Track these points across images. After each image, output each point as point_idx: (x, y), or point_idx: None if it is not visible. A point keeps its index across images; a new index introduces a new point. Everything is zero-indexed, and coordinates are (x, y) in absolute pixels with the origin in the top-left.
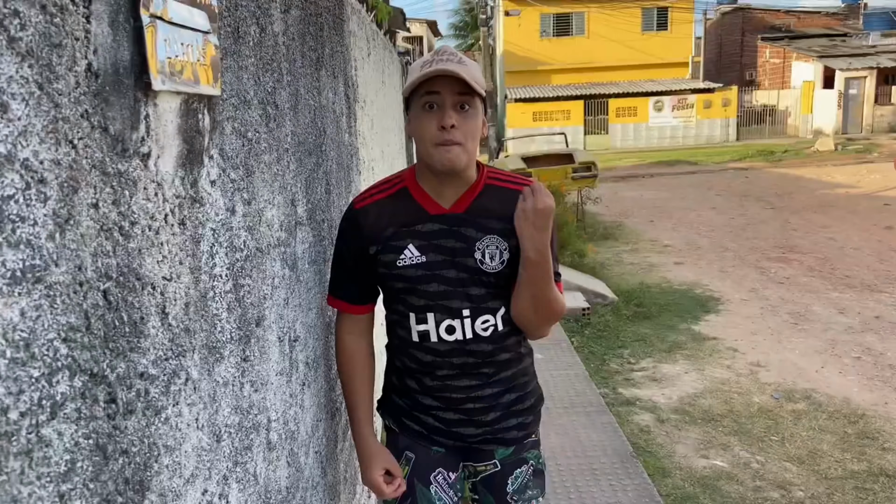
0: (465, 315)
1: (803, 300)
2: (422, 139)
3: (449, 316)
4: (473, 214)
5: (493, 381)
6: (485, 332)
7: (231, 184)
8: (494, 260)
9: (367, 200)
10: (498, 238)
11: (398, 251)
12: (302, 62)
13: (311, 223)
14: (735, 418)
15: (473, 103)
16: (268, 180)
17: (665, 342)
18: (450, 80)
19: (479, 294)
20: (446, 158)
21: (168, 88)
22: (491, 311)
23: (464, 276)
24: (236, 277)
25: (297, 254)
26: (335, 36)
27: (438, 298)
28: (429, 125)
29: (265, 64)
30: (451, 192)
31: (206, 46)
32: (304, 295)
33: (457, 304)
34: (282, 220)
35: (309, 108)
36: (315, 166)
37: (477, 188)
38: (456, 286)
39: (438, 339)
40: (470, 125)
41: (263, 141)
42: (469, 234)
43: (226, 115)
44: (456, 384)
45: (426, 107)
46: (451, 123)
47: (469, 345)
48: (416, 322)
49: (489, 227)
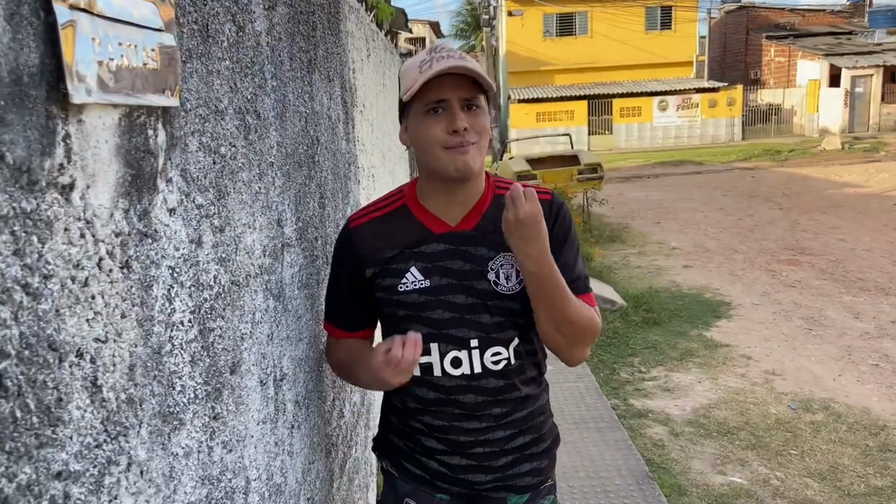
0: (473, 346)
1: (816, 304)
2: (428, 145)
3: (455, 346)
4: (483, 231)
5: (505, 423)
6: (495, 365)
7: (197, 210)
8: (511, 280)
9: (363, 218)
10: (512, 256)
11: (399, 275)
12: (291, 65)
13: (302, 242)
14: (752, 431)
15: (480, 101)
16: (247, 201)
17: (676, 350)
18: (455, 79)
19: (491, 322)
20: (461, 161)
21: (97, 100)
22: (502, 342)
23: (474, 301)
24: (204, 321)
25: (285, 280)
26: (330, 36)
27: (444, 327)
28: (436, 129)
29: (244, 67)
30: (457, 207)
31: (159, 47)
32: (293, 325)
33: (464, 334)
34: (265, 244)
35: (299, 116)
36: (306, 179)
37: (485, 202)
38: (464, 313)
39: (443, 374)
40: (480, 123)
41: (241, 156)
42: (479, 254)
43: (190, 129)
44: (463, 426)
45: (431, 111)
46: (464, 126)
47: (477, 380)
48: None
49: (502, 245)
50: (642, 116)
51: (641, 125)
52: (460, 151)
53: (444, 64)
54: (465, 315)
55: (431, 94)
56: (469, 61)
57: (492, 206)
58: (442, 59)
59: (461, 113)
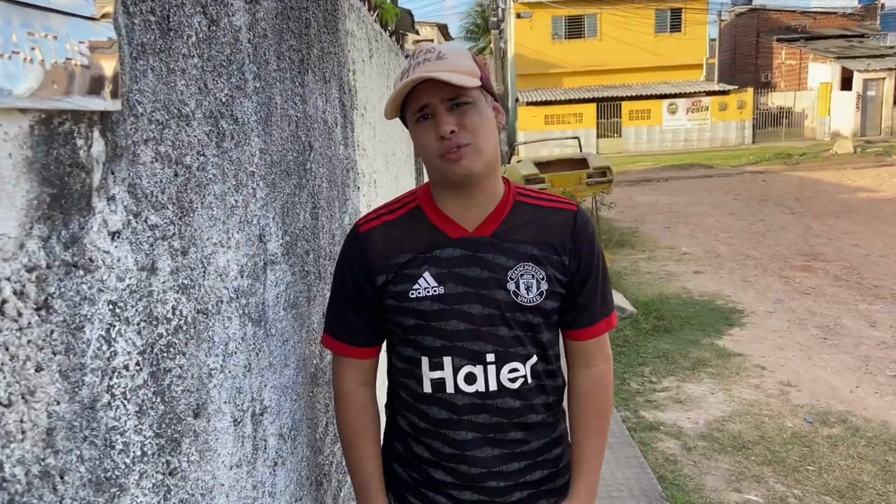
0: (489, 361)
1: (831, 312)
2: (427, 156)
3: (470, 361)
4: (503, 238)
5: (521, 453)
6: (512, 383)
7: (151, 231)
8: (531, 291)
9: (374, 222)
10: (534, 266)
11: (411, 280)
12: (278, 64)
13: (290, 258)
14: (767, 445)
15: (468, 96)
16: (219, 217)
17: (688, 359)
18: (432, 83)
19: (509, 336)
20: (458, 166)
21: None
22: (520, 357)
23: (492, 312)
24: (157, 361)
25: (268, 301)
26: (327, 35)
27: (458, 339)
28: (427, 138)
29: (218, 66)
30: (474, 211)
31: (92, 41)
32: (278, 350)
33: (479, 347)
34: (243, 263)
35: (288, 120)
36: (296, 188)
37: (506, 206)
38: (480, 325)
39: (455, 390)
40: (473, 121)
41: (213, 166)
42: (499, 262)
43: (142, 137)
44: (476, 455)
45: (420, 119)
46: (450, 129)
47: (492, 399)
48: (430, 368)
49: (523, 253)
50: (651, 119)
51: (651, 128)
52: (454, 157)
53: (417, 73)
54: (481, 327)
55: (415, 102)
56: (445, 60)
57: (512, 213)
58: (418, 66)
59: (446, 116)
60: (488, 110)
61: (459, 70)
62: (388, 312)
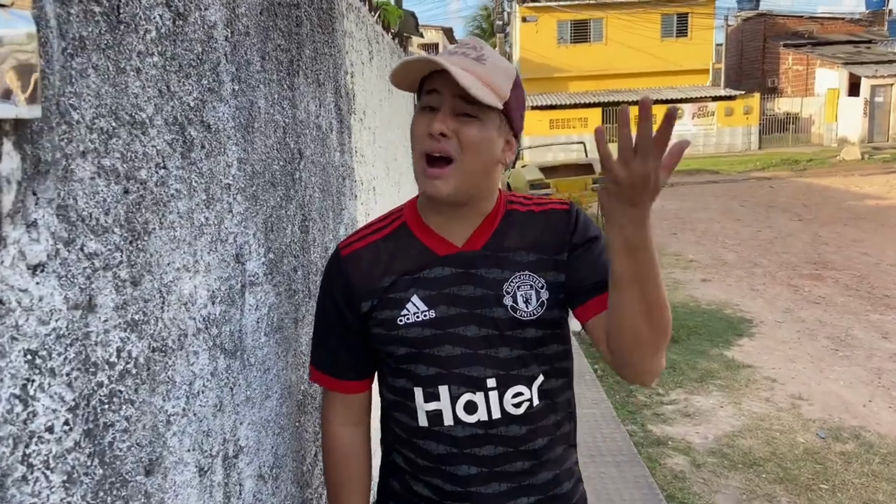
0: (490, 386)
1: (842, 322)
2: (413, 148)
3: (468, 388)
4: (495, 250)
5: (529, 486)
6: (517, 408)
7: (88, 261)
8: (531, 303)
9: (356, 244)
10: (530, 274)
11: (398, 305)
12: (263, 65)
13: (275, 277)
14: (779, 462)
15: (480, 113)
16: (184, 238)
17: (696, 370)
18: (452, 78)
19: (510, 357)
20: (431, 185)
21: None
22: (525, 380)
23: (489, 332)
24: (96, 416)
25: (246, 328)
26: (321, 35)
27: (454, 365)
28: (420, 128)
29: (185, 66)
30: (462, 225)
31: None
32: (258, 381)
33: (479, 372)
34: (215, 288)
35: (274, 126)
36: (283, 200)
37: (496, 217)
38: (478, 347)
39: (455, 422)
40: (470, 136)
41: (177, 180)
42: (492, 277)
43: (78, 150)
44: (481, 491)
45: (424, 107)
46: (441, 130)
47: (496, 428)
48: (425, 399)
49: (517, 262)
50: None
51: None
52: (434, 173)
53: (443, 58)
54: (478, 350)
55: (428, 83)
56: (482, 64)
57: (503, 223)
58: (450, 55)
59: (448, 116)
60: (495, 137)
61: (487, 81)
62: (376, 342)
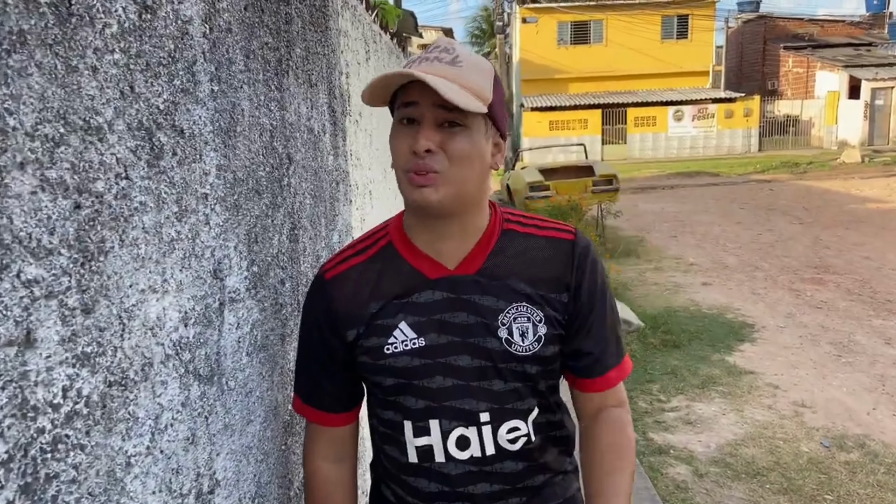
0: (484, 421)
1: (845, 328)
2: (395, 166)
3: (461, 422)
4: (491, 276)
5: None
6: (512, 444)
7: (26, 290)
8: (527, 338)
9: (339, 267)
10: (528, 307)
11: (386, 333)
12: (247, 64)
13: (259, 292)
14: (783, 472)
15: (466, 120)
16: (150, 255)
17: (697, 376)
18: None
19: (505, 390)
20: (417, 193)
21: None
22: (520, 414)
23: (483, 363)
24: (35, 469)
25: (224, 350)
26: (314, 33)
27: (445, 398)
28: (401, 146)
29: (154, 65)
30: (454, 245)
31: None
32: (238, 406)
33: (471, 405)
34: (188, 308)
35: (260, 129)
36: (269, 208)
37: (492, 237)
38: (470, 379)
39: (447, 458)
40: (458, 148)
41: (141, 192)
42: (487, 305)
43: (15, 160)
44: None
45: (403, 121)
46: (427, 147)
47: (491, 464)
48: (415, 433)
49: (514, 292)
50: (657, 126)
51: (656, 135)
52: (419, 181)
53: (418, 67)
54: (471, 382)
55: (404, 96)
56: (458, 68)
57: (500, 244)
58: (424, 62)
59: (430, 130)
60: (483, 143)
61: (468, 86)
62: (363, 370)
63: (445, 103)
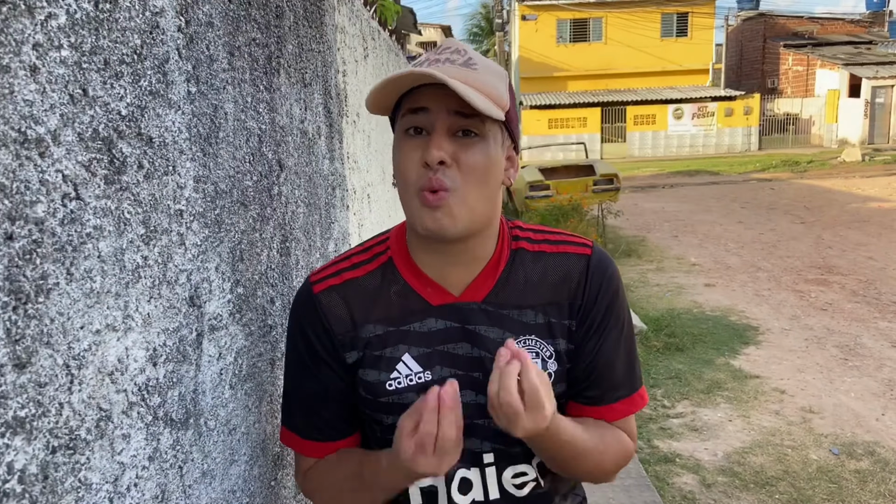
0: (488, 462)
1: (851, 330)
2: (403, 183)
3: (463, 463)
4: (499, 304)
5: None
6: (519, 490)
7: None
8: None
9: (332, 279)
10: (538, 340)
11: (388, 366)
12: (232, 62)
13: (244, 314)
14: (792, 481)
15: (482, 129)
16: (108, 288)
17: (702, 381)
18: (445, 90)
19: None
20: (429, 219)
21: None
22: (527, 457)
23: (486, 401)
24: None
25: (204, 385)
26: (308, 28)
27: None
28: (409, 160)
29: (112, 63)
30: (460, 269)
31: None
32: (220, 447)
33: (475, 446)
34: (157, 345)
35: (247, 134)
36: (257, 221)
37: (500, 262)
38: (475, 416)
39: (449, 502)
40: (474, 160)
41: (97, 214)
42: (492, 337)
43: None
44: None
45: (410, 130)
46: (441, 159)
47: None
48: None
49: (522, 324)
50: (656, 124)
51: (655, 133)
52: (430, 202)
53: (430, 68)
54: (475, 420)
55: (411, 102)
56: (473, 70)
57: (509, 269)
58: (436, 63)
59: (444, 139)
60: (499, 155)
61: (485, 90)
62: (362, 405)
63: (462, 109)
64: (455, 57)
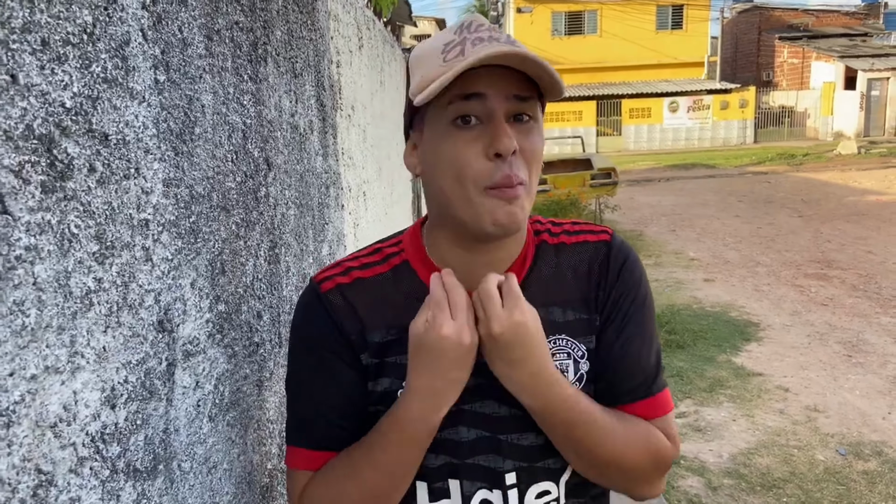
0: (510, 483)
1: (853, 326)
2: (458, 178)
3: (484, 483)
4: None
5: None
6: None
7: None
8: (567, 376)
9: (339, 278)
10: (569, 339)
11: (400, 374)
12: (209, 48)
13: (227, 334)
14: (799, 483)
15: (536, 112)
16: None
17: (704, 379)
18: (501, 71)
19: (535, 445)
20: (504, 213)
21: None
22: (551, 474)
23: (512, 411)
24: None
25: (176, 422)
26: (298, 14)
27: (468, 454)
28: (468, 154)
29: (53, 44)
30: (487, 270)
31: None
32: (197, 491)
33: (496, 464)
34: (116, 383)
35: (229, 129)
36: (241, 227)
37: (525, 259)
38: (498, 430)
39: None
40: (536, 146)
41: (29, 231)
42: None
43: None
44: None
45: (458, 121)
46: (514, 147)
47: None
48: (431, 498)
49: (552, 323)
50: (652, 118)
51: (651, 127)
52: (506, 195)
53: (488, 49)
54: (498, 434)
55: (458, 88)
56: (522, 46)
57: (534, 266)
58: (481, 42)
59: (507, 126)
60: (543, 141)
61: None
62: (375, 419)
63: (520, 92)
64: (496, 34)
